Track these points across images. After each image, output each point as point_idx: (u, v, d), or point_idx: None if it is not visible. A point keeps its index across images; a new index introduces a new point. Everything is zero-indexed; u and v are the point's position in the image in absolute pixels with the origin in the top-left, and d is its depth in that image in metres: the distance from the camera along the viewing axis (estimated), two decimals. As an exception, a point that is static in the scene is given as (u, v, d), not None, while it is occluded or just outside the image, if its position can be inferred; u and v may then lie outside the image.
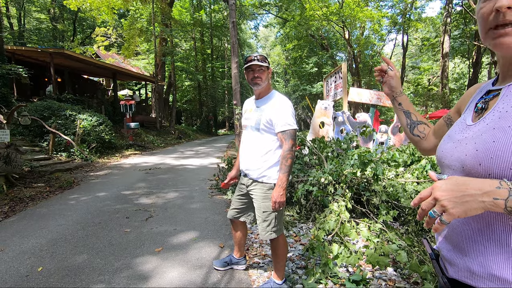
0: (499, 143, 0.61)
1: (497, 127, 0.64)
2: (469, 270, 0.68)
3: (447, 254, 0.75)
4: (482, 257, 0.65)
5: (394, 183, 3.22)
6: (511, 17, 0.63)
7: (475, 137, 0.67)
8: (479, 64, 17.46)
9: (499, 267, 0.62)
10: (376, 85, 26.97)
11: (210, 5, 27.33)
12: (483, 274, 0.65)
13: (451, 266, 0.74)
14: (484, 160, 0.63)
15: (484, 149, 0.63)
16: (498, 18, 0.64)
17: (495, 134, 0.63)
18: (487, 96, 0.74)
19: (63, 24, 23.35)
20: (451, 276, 0.74)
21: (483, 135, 0.66)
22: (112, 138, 10.16)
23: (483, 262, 0.65)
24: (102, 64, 14.29)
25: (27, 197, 4.63)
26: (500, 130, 0.63)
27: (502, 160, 0.60)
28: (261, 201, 1.95)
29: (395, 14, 21.78)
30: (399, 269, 2.31)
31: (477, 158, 0.64)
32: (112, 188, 5.27)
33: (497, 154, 0.60)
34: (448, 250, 0.74)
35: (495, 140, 0.62)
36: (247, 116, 2.08)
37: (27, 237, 3.07)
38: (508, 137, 0.61)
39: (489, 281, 0.64)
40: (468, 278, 0.69)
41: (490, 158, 0.62)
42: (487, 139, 0.64)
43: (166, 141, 15.92)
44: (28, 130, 8.43)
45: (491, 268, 0.63)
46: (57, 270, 2.38)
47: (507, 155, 0.59)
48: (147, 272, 2.36)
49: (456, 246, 0.72)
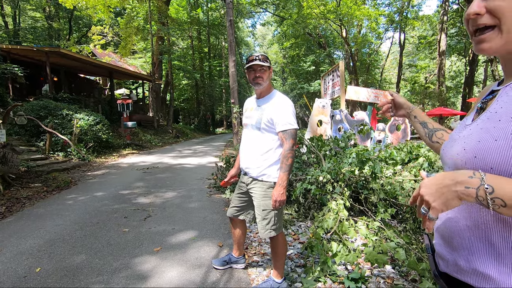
0: (483, 143, 0.63)
1: (484, 127, 0.65)
2: (456, 265, 0.71)
3: (439, 249, 0.78)
4: (468, 253, 0.68)
5: (392, 181, 3.24)
6: (482, 21, 0.64)
7: (466, 137, 0.69)
8: (475, 62, 17.57)
9: (483, 263, 0.65)
10: (374, 83, 27.07)
11: (207, 3, 27.24)
12: (468, 269, 0.68)
13: (442, 261, 0.77)
14: (469, 159, 0.65)
15: (470, 148, 0.65)
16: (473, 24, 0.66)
17: (481, 134, 0.65)
18: (488, 97, 0.76)
19: (58, 22, 23.15)
20: (442, 270, 0.77)
21: (472, 135, 0.67)
22: (109, 137, 10.11)
23: (468, 258, 0.68)
24: (98, 63, 14.20)
25: (24, 197, 4.60)
26: (485, 131, 0.64)
27: (485, 159, 0.61)
28: (260, 200, 1.96)
29: (392, 12, 21.85)
30: (397, 266, 2.32)
31: (464, 157, 0.66)
32: (110, 188, 5.25)
33: (480, 154, 0.62)
34: (440, 245, 0.77)
35: (480, 140, 0.64)
36: (248, 114, 2.08)
37: (24, 238, 3.05)
38: (490, 138, 0.62)
39: (473, 275, 0.67)
40: (455, 272, 0.72)
41: (474, 157, 0.63)
42: (474, 138, 0.66)
43: (164, 140, 15.87)
44: (24, 129, 8.37)
45: (475, 264, 0.66)
46: (55, 271, 2.37)
47: (489, 155, 0.61)
48: (146, 272, 2.35)
49: (447, 241, 0.74)
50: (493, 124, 0.63)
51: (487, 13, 0.63)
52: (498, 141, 0.60)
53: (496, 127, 0.62)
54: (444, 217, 0.76)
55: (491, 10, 0.63)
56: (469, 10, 0.64)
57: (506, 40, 0.63)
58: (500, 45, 0.64)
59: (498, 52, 0.66)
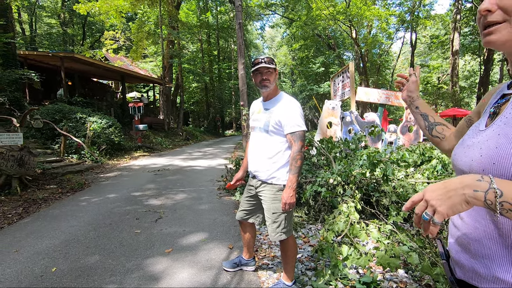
0: (502, 149, 0.61)
1: (502, 133, 0.64)
2: (475, 271, 0.70)
3: (456, 256, 0.76)
4: (487, 259, 0.67)
5: (404, 183, 3.19)
6: (492, 18, 0.64)
7: (482, 143, 0.68)
8: (490, 61, 17.09)
9: (503, 269, 0.64)
10: (384, 84, 26.69)
11: (216, 7, 27.50)
12: (487, 275, 0.67)
13: (459, 268, 0.76)
14: (487, 166, 0.63)
15: (488, 155, 0.64)
16: (483, 20, 0.66)
17: (499, 140, 0.63)
18: (500, 101, 0.75)
19: (73, 28, 23.84)
20: (459, 277, 0.76)
21: (488, 141, 0.66)
22: (121, 140, 10.30)
23: (487, 264, 0.67)
24: (111, 67, 14.52)
25: (40, 199, 4.74)
26: (503, 136, 0.63)
27: (504, 166, 0.60)
28: (270, 203, 1.96)
29: (403, 12, 21.53)
30: (410, 271, 2.28)
31: (481, 164, 0.65)
32: (122, 190, 5.34)
33: (499, 160, 0.61)
34: (457, 251, 0.76)
35: (497, 146, 0.63)
36: (255, 117, 2.08)
37: (41, 238, 3.14)
38: (509, 144, 0.61)
39: (492, 282, 0.66)
40: (473, 279, 0.71)
41: (492, 164, 0.62)
42: (491, 145, 0.65)
43: (174, 142, 16.05)
44: (40, 133, 8.62)
45: (494, 271, 0.65)
46: (70, 271, 2.43)
47: (508, 162, 0.60)
48: (157, 273, 2.38)
49: (464, 248, 0.73)
50: (510, 129, 0.62)
51: (499, 9, 0.63)
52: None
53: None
54: (460, 223, 0.75)
55: (503, 7, 0.63)
56: (480, 7, 0.65)
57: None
58: (508, 37, 0.64)
59: (506, 44, 0.66)
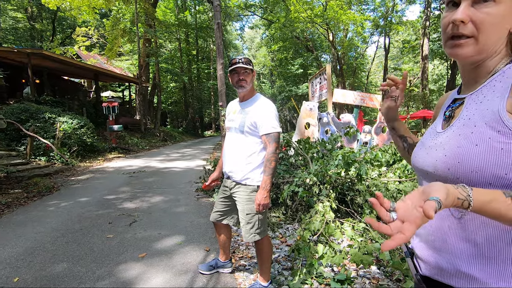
0: (463, 149, 0.65)
1: (462, 133, 0.68)
2: (439, 267, 0.72)
3: (421, 253, 0.78)
4: (451, 255, 0.69)
5: (377, 182, 3.29)
6: (463, 30, 0.66)
7: (444, 144, 0.71)
8: (456, 66, 18.12)
9: (467, 264, 0.66)
10: (360, 86, 27.57)
11: (195, 6, 27.14)
12: (451, 270, 0.69)
13: (424, 264, 0.77)
14: (452, 164, 0.67)
15: (452, 154, 0.67)
16: (453, 30, 0.68)
17: (460, 140, 0.67)
18: (453, 105, 0.78)
19: (41, 23, 22.58)
20: (424, 273, 0.77)
21: (450, 141, 0.70)
22: (94, 141, 9.88)
23: (451, 259, 0.69)
24: (83, 65, 13.89)
25: (3, 204, 4.42)
26: (464, 137, 0.67)
27: (468, 164, 0.63)
28: (244, 204, 1.95)
29: (377, 17, 22.36)
30: (382, 267, 2.36)
31: (446, 163, 0.68)
32: (94, 193, 5.11)
33: (464, 159, 0.64)
34: (422, 248, 0.78)
35: (459, 146, 0.66)
36: (231, 118, 2.07)
37: (2, 246, 2.93)
38: (470, 143, 0.65)
39: (456, 277, 0.68)
40: (438, 275, 0.73)
41: (457, 163, 0.65)
42: (453, 145, 0.68)
43: (151, 143, 15.63)
44: (4, 134, 8.08)
45: (458, 265, 0.67)
46: (34, 280, 2.28)
47: (472, 159, 0.63)
48: (130, 279, 2.30)
49: (429, 244, 0.75)
50: (470, 129, 0.66)
51: (470, 22, 0.65)
52: (479, 146, 0.62)
53: (474, 132, 0.64)
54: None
55: (475, 21, 0.65)
56: (455, 16, 0.66)
57: (478, 51, 0.67)
58: (473, 53, 0.67)
59: (468, 59, 0.70)
